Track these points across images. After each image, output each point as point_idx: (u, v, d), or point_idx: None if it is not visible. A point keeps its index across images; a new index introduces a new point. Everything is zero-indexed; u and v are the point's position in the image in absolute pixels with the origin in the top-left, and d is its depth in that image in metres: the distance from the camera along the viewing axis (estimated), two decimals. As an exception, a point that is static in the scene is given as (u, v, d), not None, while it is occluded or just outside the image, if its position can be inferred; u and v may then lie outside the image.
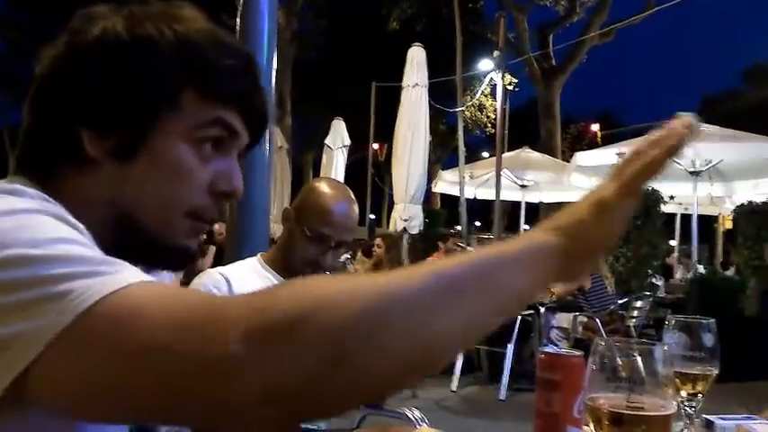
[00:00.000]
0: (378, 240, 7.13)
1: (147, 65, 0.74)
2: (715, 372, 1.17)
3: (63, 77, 0.74)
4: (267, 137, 3.13)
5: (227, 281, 1.82)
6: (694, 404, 1.18)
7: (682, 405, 1.16)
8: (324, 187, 1.92)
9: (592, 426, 0.90)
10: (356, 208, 1.93)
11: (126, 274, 0.58)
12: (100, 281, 0.56)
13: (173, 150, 0.75)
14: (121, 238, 0.75)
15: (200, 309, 0.56)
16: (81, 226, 0.65)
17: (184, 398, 0.55)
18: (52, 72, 0.75)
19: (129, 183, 0.75)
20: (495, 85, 11.60)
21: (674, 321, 1.19)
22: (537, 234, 0.74)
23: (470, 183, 11.55)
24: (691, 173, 8.57)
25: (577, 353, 0.99)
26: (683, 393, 1.16)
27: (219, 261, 1.89)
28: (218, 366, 0.53)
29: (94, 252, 0.62)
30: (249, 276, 1.88)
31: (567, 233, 0.74)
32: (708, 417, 1.31)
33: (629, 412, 0.85)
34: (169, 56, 0.74)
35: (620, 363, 0.88)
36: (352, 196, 1.94)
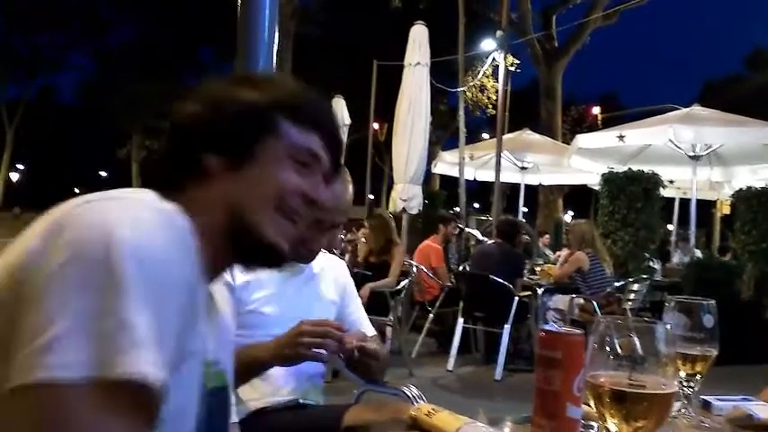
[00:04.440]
0: (365, 223, 7.10)
1: (252, 99, 0.99)
2: (714, 353, 1.17)
3: (199, 127, 0.98)
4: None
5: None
6: (693, 384, 1.19)
7: (681, 385, 1.16)
8: None
9: (593, 403, 0.90)
10: (350, 187, 1.88)
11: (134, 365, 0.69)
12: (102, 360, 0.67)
13: (275, 160, 0.97)
14: (229, 233, 0.94)
15: None
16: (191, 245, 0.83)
17: None
18: (191, 122, 0.99)
19: (238, 183, 0.95)
20: (498, 65, 11.53)
21: (674, 302, 1.20)
22: None
23: (470, 164, 11.51)
24: (690, 157, 8.56)
25: (578, 331, 0.99)
26: (682, 374, 1.17)
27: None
28: None
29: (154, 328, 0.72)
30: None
31: None
32: (705, 397, 1.31)
33: (630, 390, 0.86)
34: (266, 97, 1.00)
35: (622, 341, 0.89)
36: (347, 176, 1.88)
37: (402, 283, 6.08)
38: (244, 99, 0.99)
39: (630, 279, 6.81)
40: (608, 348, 0.89)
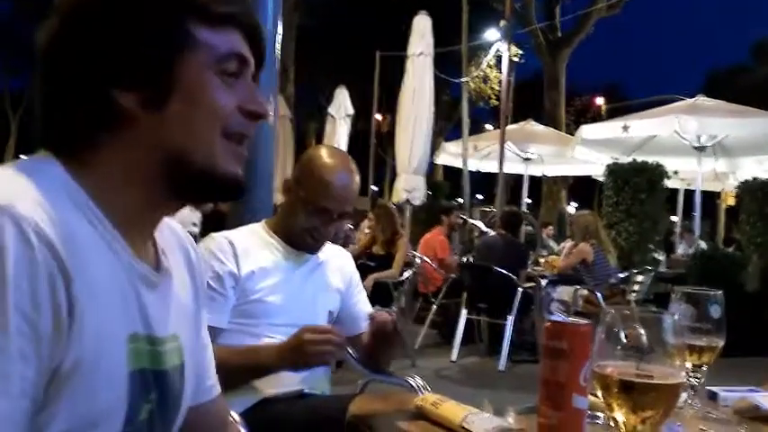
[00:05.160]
0: (369, 214, 7.10)
1: (150, 9, 0.79)
2: (721, 343, 1.17)
3: (75, 45, 0.78)
4: (270, 104, 3.11)
5: (232, 244, 1.82)
6: (699, 375, 1.19)
7: (687, 376, 1.16)
8: (323, 158, 1.86)
9: (600, 393, 0.90)
10: (357, 178, 1.88)
11: None
12: None
13: (201, 82, 0.81)
14: (173, 179, 0.82)
15: None
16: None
17: None
18: (62, 43, 0.79)
19: (169, 124, 0.80)
20: (501, 56, 11.48)
21: (680, 293, 1.19)
22: None
23: (473, 155, 11.49)
24: (695, 148, 8.52)
25: (584, 321, 0.99)
26: (689, 364, 1.16)
27: (222, 230, 1.90)
28: None
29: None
30: (253, 242, 1.88)
31: None
32: (711, 389, 1.31)
33: (638, 380, 0.85)
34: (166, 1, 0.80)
35: (629, 332, 0.88)
36: (352, 165, 1.88)
37: (405, 274, 6.08)
38: (140, 8, 0.78)
39: (635, 270, 6.79)
40: (615, 339, 0.88)
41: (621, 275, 6.42)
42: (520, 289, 5.96)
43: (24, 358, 0.67)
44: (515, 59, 16.22)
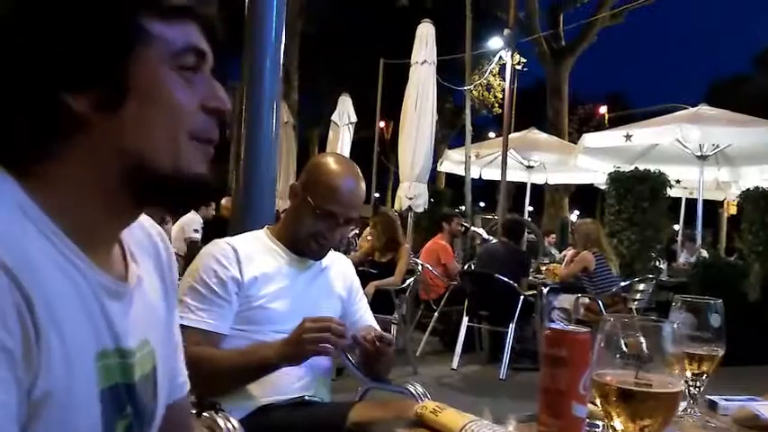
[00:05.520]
0: (370, 221, 7.09)
1: (98, 3, 0.73)
2: (721, 352, 1.17)
3: (17, 47, 0.71)
4: (273, 111, 3.12)
5: (235, 250, 1.82)
6: (699, 384, 1.19)
7: (687, 385, 1.16)
8: (330, 164, 1.88)
9: (599, 402, 0.90)
10: (363, 184, 1.90)
11: None
12: None
13: (157, 79, 0.75)
14: (137, 186, 0.77)
15: None
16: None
17: None
18: (2, 46, 0.71)
19: (127, 127, 0.74)
20: (504, 64, 11.50)
21: (681, 301, 1.19)
22: None
23: (476, 162, 11.50)
24: (698, 157, 8.52)
25: (584, 329, 0.99)
26: (688, 373, 1.16)
27: (224, 235, 1.91)
28: None
29: None
30: (256, 248, 1.88)
31: None
32: (711, 397, 1.31)
33: (637, 389, 0.86)
34: None
35: (629, 340, 0.88)
36: (359, 172, 1.91)
37: (407, 282, 6.08)
38: (87, 3, 0.72)
39: (636, 279, 6.78)
40: (615, 347, 0.89)
41: (623, 284, 6.41)
42: (521, 297, 5.95)
43: (4, 383, 0.64)
44: (519, 68, 16.26)
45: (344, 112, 11.91)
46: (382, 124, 18.59)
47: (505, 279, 5.88)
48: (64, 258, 0.73)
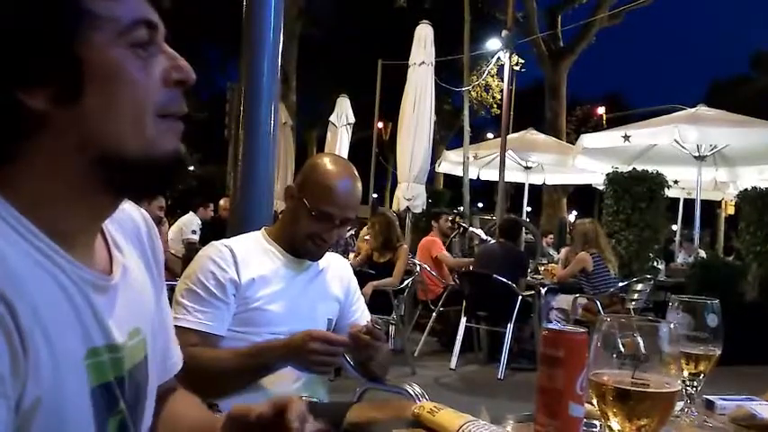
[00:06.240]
0: (369, 222, 7.09)
1: None
2: (718, 352, 1.17)
3: None
4: (271, 112, 3.12)
5: (232, 252, 1.82)
6: (696, 384, 1.19)
7: (684, 384, 1.16)
8: (326, 164, 1.88)
9: (596, 401, 0.90)
10: (359, 185, 1.90)
11: None
12: None
13: (112, 61, 0.72)
14: (110, 175, 0.74)
15: None
16: None
17: None
18: None
19: (90, 116, 0.71)
20: (503, 65, 11.51)
21: (678, 301, 1.20)
22: None
23: (474, 163, 11.51)
24: (695, 157, 8.54)
25: (581, 329, 0.99)
26: (686, 373, 1.17)
27: (222, 236, 1.91)
28: None
29: None
30: (253, 249, 1.88)
31: None
32: (708, 397, 1.31)
33: (634, 389, 0.86)
34: None
35: (626, 340, 0.89)
36: (355, 172, 1.90)
37: (405, 282, 6.08)
38: None
39: (634, 279, 6.79)
40: (611, 347, 0.89)
41: (621, 284, 6.41)
42: (519, 297, 5.96)
43: None
44: (517, 69, 16.26)
45: (343, 113, 11.92)
46: (380, 125, 18.58)
47: (503, 279, 5.89)
48: (44, 257, 0.71)
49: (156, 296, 0.94)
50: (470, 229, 8.61)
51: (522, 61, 18.46)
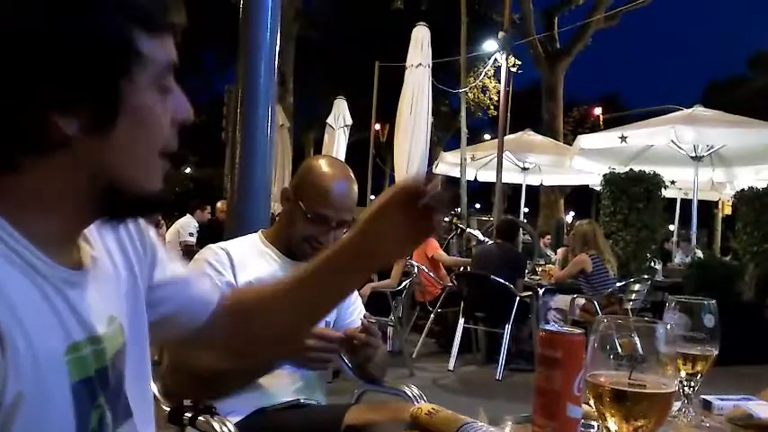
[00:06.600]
0: None
1: (95, 18, 0.69)
2: (715, 352, 1.17)
3: (8, 63, 0.68)
4: (268, 114, 3.12)
5: (228, 254, 1.82)
6: (693, 384, 1.19)
7: (681, 385, 1.16)
8: (322, 167, 1.87)
9: (593, 402, 0.90)
10: (355, 186, 1.89)
11: None
12: None
13: (147, 104, 0.74)
14: (106, 203, 0.76)
15: None
16: None
17: None
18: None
19: (113, 149, 0.73)
20: (499, 66, 11.53)
21: (674, 302, 1.20)
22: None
23: (472, 164, 11.52)
24: (692, 158, 8.55)
25: (578, 330, 0.99)
26: (683, 373, 1.17)
27: (219, 239, 1.92)
28: None
29: None
30: (249, 252, 1.88)
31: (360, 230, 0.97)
32: (705, 397, 1.31)
33: (631, 390, 0.86)
34: (111, 7, 0.71)
35: (623, 341, 0.89)
36: (351, 174, 1.90)
37: (403, 284, 6.08)
38: (83, 18, 0.68)
39: (632, 279, 6.80)
40: (608, 348, 0.89)
41: (619, 284, 6.42)
42: (517, 298, 5.96)
43: None
44: (514, 70, 16.29)
45: (340, 115, 11.92)
46: (377, 127, 18.59)
47: (501, 280, 5.89)
48: (20, 259, 0.72)
49: (135, 281, 0.93)
50: (468, 230, 8.62)
51: (519, 63, 18.47)
